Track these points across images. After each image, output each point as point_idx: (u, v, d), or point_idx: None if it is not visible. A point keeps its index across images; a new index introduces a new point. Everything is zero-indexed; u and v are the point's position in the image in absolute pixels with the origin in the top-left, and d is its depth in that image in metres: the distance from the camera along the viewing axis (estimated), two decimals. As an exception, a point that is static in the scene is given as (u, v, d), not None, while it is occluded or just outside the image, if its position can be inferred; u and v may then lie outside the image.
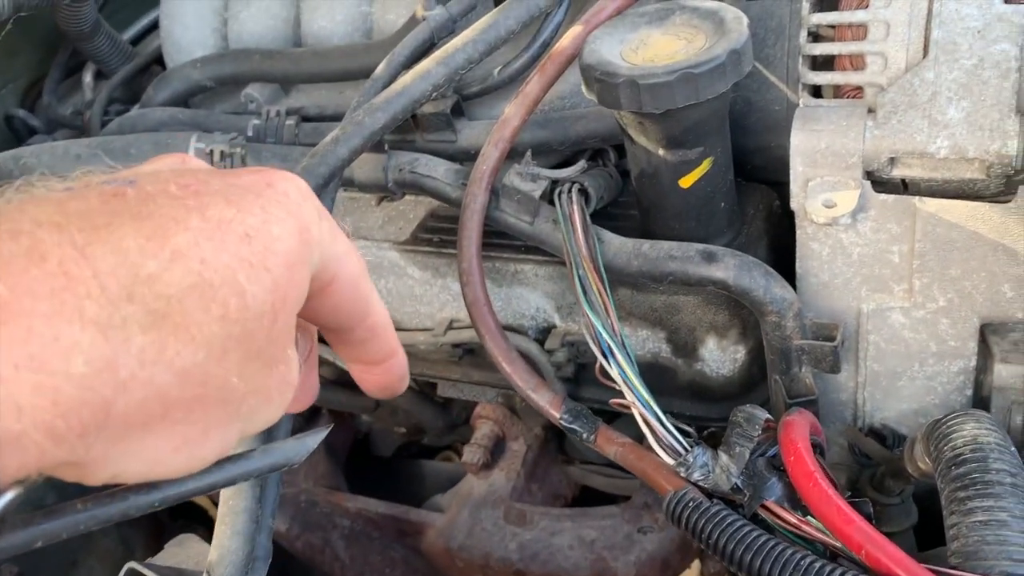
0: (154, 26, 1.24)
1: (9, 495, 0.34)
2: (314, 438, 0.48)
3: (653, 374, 0.88)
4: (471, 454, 1.03)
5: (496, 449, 1.06)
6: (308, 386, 0.50)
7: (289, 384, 0.41)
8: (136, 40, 1.27)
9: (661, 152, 0.74)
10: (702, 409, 0.88)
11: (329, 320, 0.45)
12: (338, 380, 1.15)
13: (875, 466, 0.82)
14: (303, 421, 1.20)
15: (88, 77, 1.22)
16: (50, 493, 0.97)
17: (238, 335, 0.36)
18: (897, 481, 0.79)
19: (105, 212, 0.34)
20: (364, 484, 1.21)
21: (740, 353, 0.83)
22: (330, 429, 0.50)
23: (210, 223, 0.36)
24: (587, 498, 1.11)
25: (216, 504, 1.35)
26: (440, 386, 1.05)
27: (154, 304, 0.33)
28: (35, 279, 0.30)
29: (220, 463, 0.43)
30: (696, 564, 0.96)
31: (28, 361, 0.30)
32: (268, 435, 0.61)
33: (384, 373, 0.50)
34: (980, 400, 0.81)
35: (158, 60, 1.19)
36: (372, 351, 0.48)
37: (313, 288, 0.42)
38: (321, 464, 1.18)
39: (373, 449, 1.28)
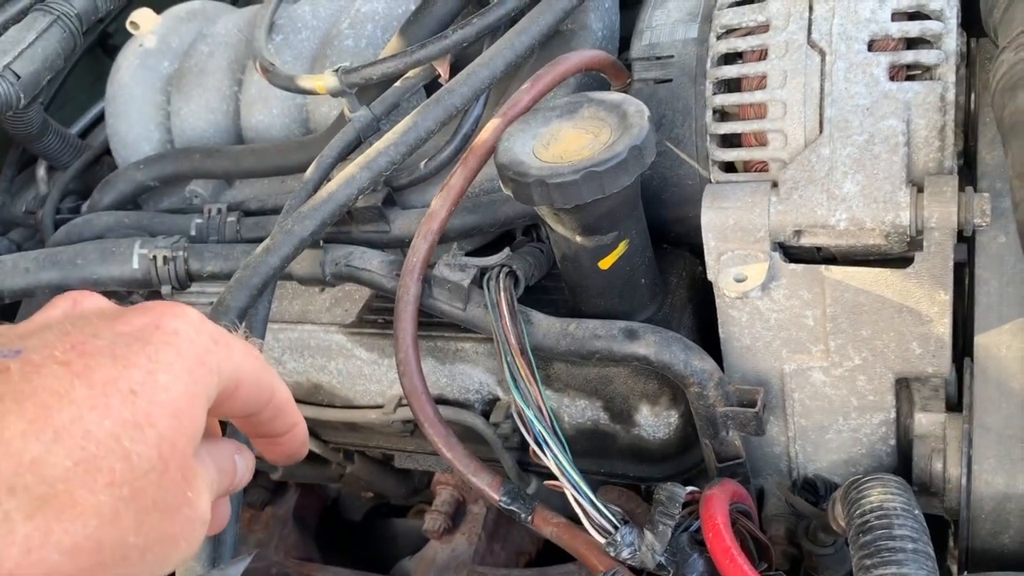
0: (102, 117, 1.27)
1: None
2: (236, 568, 0.51)
3: (595, 439, 0.91)
4: (432, 521, 1.06)
5: (456, 514, 1.09)
6: (218, 513, 0.51)
7: (196, 522, 0.42)
8: (86, 131, 1.30)
9: (579, 239, 0.77)
10: (644, 470, 0.91)
11: (239, 413, 0.48)
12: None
13: (809, 518, 0.86)
14: (269, 494, 1.23)
15: (42, 171, 1.24)
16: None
17: (128, 495, 0.37)
18: (828, 534, 0.83)
19: None
20: (336, 549, 1.24)
21: (673, 418, 0.87)
22: (252, 556, 0.53)
23: (95, 389, 0.37)
24: (551, 550, 1.14)
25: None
26: (397, 458, 1.08)
27: (37, 491, 0.35)
28: None
29: None
30: None
31: None
32: (213, 549, 0.64)
33: (288, 442, 0.52)
34: (905, 445, 0.85)
35: (109, 151, 1.22)
36: (278, 426, 0.51)
37: (220, 399, 0.44)
38: (291, 535, 1.20)
39: (343, 513, 1.31)
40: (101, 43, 1.38)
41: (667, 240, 0.92)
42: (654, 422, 0.87)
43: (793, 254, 0.81)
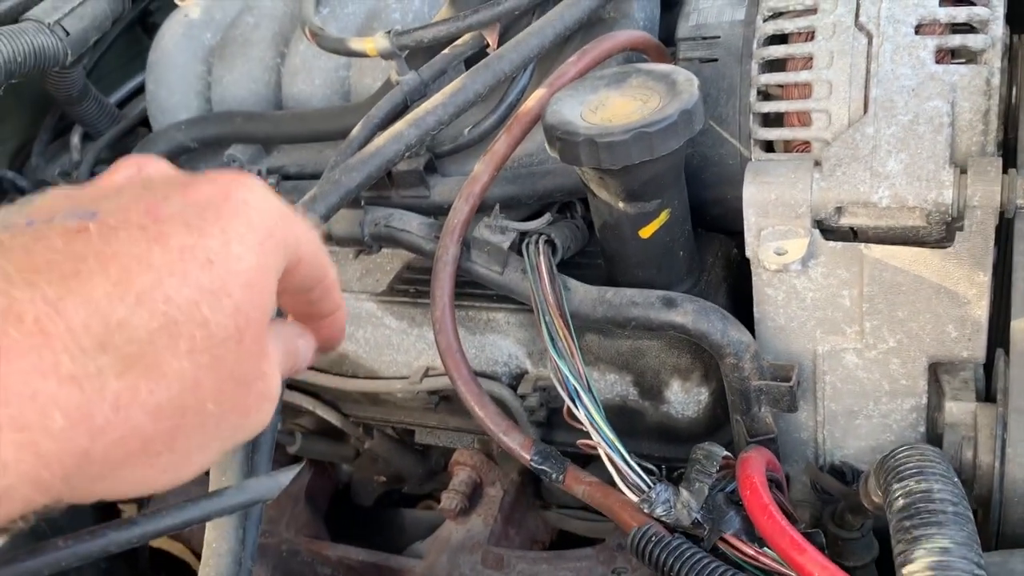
0: (140, 89, 1.29)
1: None
2: (286, 475, 0.51)
3: (622, 417, 0.91)
4: (449, 500, 1.05)
5: (474, 495, 1.08)
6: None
7: (268, 395, 0.42)
8: (123, 103, 1.31)
9: (621, 205, 0.78)
10: (670, 450, 0.91)
11: (296, 290, 0.47)
12: (318, 431, 1.17)
13: (836, 502, 0.86)
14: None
15: (76, 139, 1.25)
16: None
17: (207, 363, 0.37)
18: (856, 516, 0.82)
19: (71, 256, 0.35)
20: (345, 534, 1.23)
21: (703, 395, 0.87)
22: (302, 467, 0.53)
23: (172, 254, 0.37)
24: (564, 543, 1.13)
25: (196, 554, 1.35)
26: (418, 433, 1.07)
27: (126, 349, 0.35)
28: (14, 340, 0.32)
29: (194, 500, 0.46)
30: None
31: (9, 421, 0.32)
32: (253, 446, 0.63)
33: (330, 326, 0.53)
34: (934, 436, 0.85)
35: (144, 122, 1.23)
36: (325, 307, 0.51)
37: (283, 273, 0.44)
38: (302, 514, 1.19)
39: (354, 499, 1.30)
40: (141, 20, 1.40)
41: (703, 224, 0.92)
42: (684, 399, 0.87)
43: (829, 237, 0.82)
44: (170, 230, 0.38)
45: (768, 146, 0.84)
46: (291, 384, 1.09)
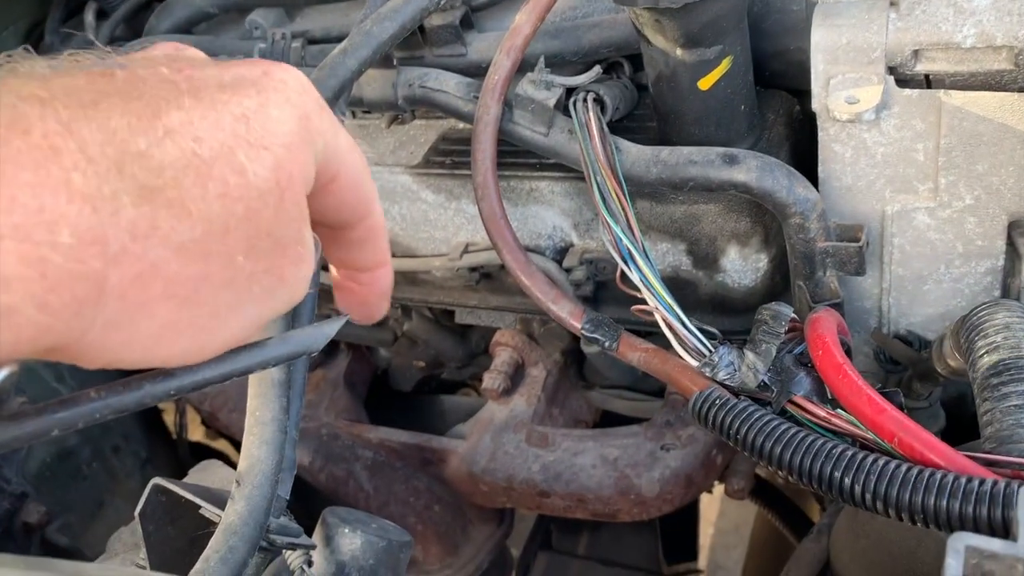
0: (153, -36, 1.22)
1: (4, 372, 0.34)
2: (332, 326, 0.47)
3: (674, 288, 0.85)
4: (491, 380, 1.03)
5: (516, 375, 1.05)
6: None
7: (306, 263, 0.40)
8: (137, -24, 1.24)
9: (679, 52, 0.72)
10: (724, 323, 0.87)
11: (331, 217, 0.44)
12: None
13: (902, 371, 0.82)
14: (321, 355, 1.20)
15: (90, 16, 1.19)
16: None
17: (241, 213, 0.35)
18: (925, 384, 0.78)
19: (92, 91, 0.33)
20: (384, 420, 1.21)
21: (763, 262, 0.82)
22: (347, 319, 0.49)
23: (203, 103, 0.35)
24: (608, 423, 1.10)
25: (237, 447, 1.35)
26: (458, 313, 1.04)
27: (145, 179, 0.32)
28: (18, 150, 0.29)
29: (235, 351, 0.42)
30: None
31: (12, 231, 0.29)
32: (291, 322, 0.60)
33: (370, 283, 0.49)
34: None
35: (159, -4, 1.16)
36: (366, 255, 0.48)
37: (317, 184, 0.41)
38: (342, 398, 1.18)
39: (393, 384, 1.28)
40: None
41: (762, 81, 0.85)
42: (742, 266, 0.82)
43: (904, 86, 0.75)
44: (202, 85, 0.36)
45: (838, -12, 0.77)
46: (325, 266, 1.06)
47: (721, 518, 2.34)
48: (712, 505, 2.26)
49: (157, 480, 0.65)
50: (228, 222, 0.35)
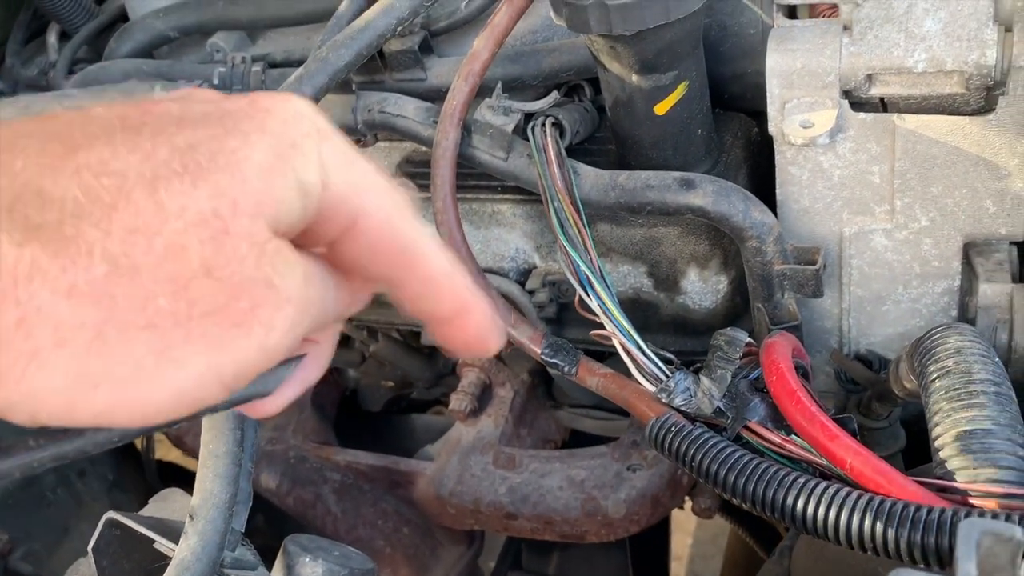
0: (117, -16, 1.21)
1: None
2: (286, 368, 0.46)
3: (635, 310, 0.87)
4: (458, 401, 1.03)
5: (483, 396, 1.05)
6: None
7: (280, 301, 0.34)
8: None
9: (634, 78, 0.72)
10: (687, 343, 0.87)
11: (372, 271, 0.38)
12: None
13: (862, 391, 0.82)
14: (289, 378, 1.19)
15: (52, 38, 1.18)
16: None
17: (160, 250, 0.32)
18: (884, 404, 0.79)
19: (12, 133, 0.32)
20: (353, 440, 1.21)
21: (722, 284, 0.82)
22: (304, 357, 0.49)
23: (140, 137, 0.33)
24: (577, 443, 1.10)
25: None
26: (423, 334, 1.03)
27: (38, 218, 0.30)
28: None
29: None
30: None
31: None
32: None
33: (459, 330, 0.41)
34: (966, 321, 0.80)
35: (123, 17, 1.15)
36: (439, 307, 0.40)
37: (328, 227, 0.37)
38: (309, 420, 1.17)
39: (362, 404, 1.28)
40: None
41: (721, 103, 0.86)
42: (702, 288, 0.83)
43: (859, 110, 0.76)
44: (152, 122, 0.33)
45: (791, 12, 0.77)
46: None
47: (699, 528, 2.34)
48: (690, 515, 2.26)
49: (111, 514, 0.65)
50: (138, 261, 0.32)
